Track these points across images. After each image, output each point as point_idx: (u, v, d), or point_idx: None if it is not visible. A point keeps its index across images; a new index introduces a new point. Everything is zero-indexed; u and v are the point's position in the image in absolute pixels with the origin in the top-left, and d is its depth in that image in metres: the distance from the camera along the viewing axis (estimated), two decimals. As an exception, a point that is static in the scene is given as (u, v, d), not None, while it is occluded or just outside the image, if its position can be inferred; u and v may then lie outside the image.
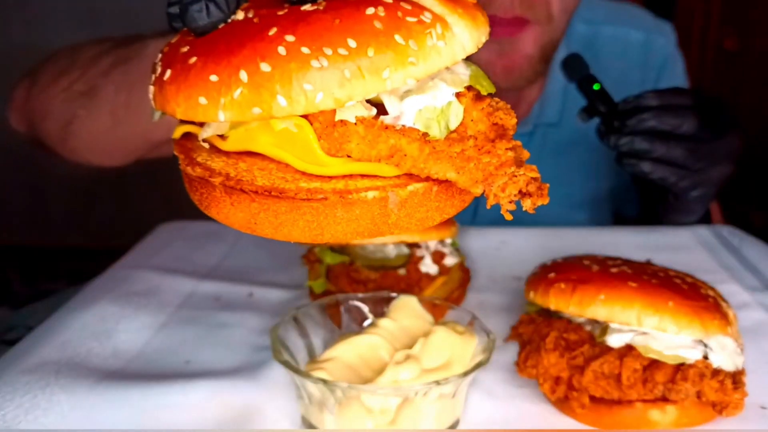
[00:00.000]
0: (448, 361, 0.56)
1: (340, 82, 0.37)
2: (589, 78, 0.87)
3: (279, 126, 0.40)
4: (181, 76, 0.40)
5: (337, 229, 0.41)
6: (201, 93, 0.39)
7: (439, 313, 0.64)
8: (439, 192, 0.42)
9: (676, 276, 0.60)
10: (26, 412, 0.58)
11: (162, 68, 0.42)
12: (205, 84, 0.39)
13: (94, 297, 0.79)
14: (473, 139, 0.40)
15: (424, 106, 0.41)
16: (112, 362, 0.67)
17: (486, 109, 0.41)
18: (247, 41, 0.38)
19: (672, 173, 0.84)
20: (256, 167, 0.42)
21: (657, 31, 1.23)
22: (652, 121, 0.81)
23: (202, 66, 0.39)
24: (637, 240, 0.97)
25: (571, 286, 0.58)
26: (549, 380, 0.58)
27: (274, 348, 0.56)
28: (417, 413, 0.53)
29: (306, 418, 0.56)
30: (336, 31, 0.38)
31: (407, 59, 0.38)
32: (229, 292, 0.82)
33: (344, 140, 0.40)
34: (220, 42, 0.39)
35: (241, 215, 0.42)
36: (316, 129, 0.40)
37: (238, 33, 0.39)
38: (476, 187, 0.40)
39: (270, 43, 0.38)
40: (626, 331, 0.57)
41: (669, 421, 0.56)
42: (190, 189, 0.45)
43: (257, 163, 0.42)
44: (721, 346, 0.57)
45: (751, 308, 0.76)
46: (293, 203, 0.40)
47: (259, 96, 0.38)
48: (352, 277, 0.75)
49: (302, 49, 0.38)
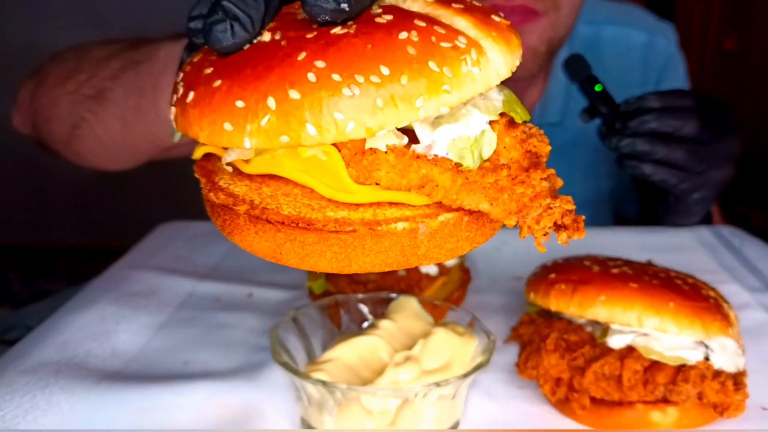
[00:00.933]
0: (448, 362, 0.55)
1: (372, 111, 0.36)
2: (591, 79, 0.87)
3: (306, 153, 0.39)
4: (205, 100, 0.38)
5: (366, 261, 0.39)
6: (226, 119, 0.37)
7: (439, 314, 0.64)
8: (470, 222, 0.41)
9: (677, 277, 0.60)
10: (25, 412, 0.58)
11: (184, 89, 0.40)
12: (230, 110, 0.37)
13: (93, 297, 0.79)
14: (507, 168, 0.39)
15: (458, 136, 0.39)
16: (112, 363, 0.67)
17: (519, 136, 0.40)
18: (275, 66, 0.37)
19: (673, 175, 0.84)
20: (280, 192, 0.41)
21: (659, 32, 1.23)
22: (653, 122, 0.81)
23: (228, 90, 0.38)
24: (638, 240, 0.96)
25: (571, 287, 0.58)
26: (549, 381, 0.58)
27: (274, 349, 0.56)
28: (417, 415, 0.53)
29: (305, 420, 0.56)
30: (368, 57, 0.36)
31: (441, 87, 0.37)
32: (229, 293, 0.82)
33: (374, 168, 0.39)
34: (247, 65, 0.38)
35: (266, 245, 0.40)
36: (344, 156, 0.39)
37: (265, 56, 0.38)
38: (510, 219, 0.39)
39: (299, 68, 0.36)
40: (627, 332, 0.57)
41: (670, 422, 0.56)
42: (212, 214, 0.44)
43: (281, 187, 0.42)
44: (722, 347, 0.57)
45: (752, 309, 0.76)
46: (321, 235, 0.39)
47: (288, 124, 0.36)
48: (352, 278, 0.75)
49: (333, 76, 0.36)
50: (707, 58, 3.23)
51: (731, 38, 3.20)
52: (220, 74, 0.39)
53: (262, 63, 0.37)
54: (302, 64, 0.36)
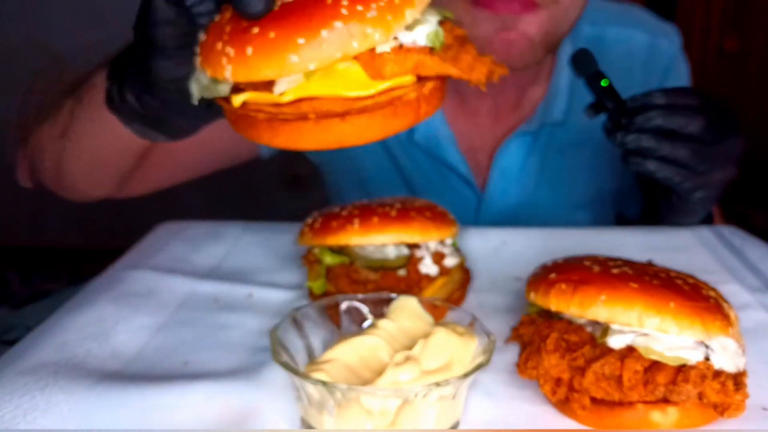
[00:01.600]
0: (448, 363, 0.55)
1: (384, 24, 0.50)
2: (597, 74, 0.87)
3: (339, 67, 0.52)
4: (269, 47, 0.50)
5: (392, 125, 0.54)
6: (293, 53, 0.49)
7: (439, 314, 0.64)
8: (441, 86, 0.57)
9: (678, 277, 0.60)
10: (25, 413, 0.58)
11: (236, 50, 0.51)
12: (294, 46, 0.50)
13: (92, 298, 0.79)
14: (453, 47, 0.56)
15: (426, 32, 0.54)
16: (111, 363, 0.67)
17: (449, 28, 0.57)
18: (315, 11, 0.50)
19: (676, 173, 0.84)
20: (314, 103, 0.53)
21: (662, 33, 1.23)
22: (659, 119, 0.81)
23: (286, 35, 0.50)
24: (639, 241, 0.96)
25: (572, 287, 0.58)
26: (550, 381, 0.58)
27: (274, 349, 0.56)
28: (417, 415, 0.53)
29: (305, 420, 0.56)
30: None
31: (414, 3, 0.52)
32: (229, 293, 0.82)
33: (381, 66, 0.52)
34: (290, 17, 0.51)
35: (314, 135, 0.54)
36: (361, 64, 0.53)
37: (299, 7, 0.51)
38: (467, 75, 0.55)
39: (334, 8, 0.50)
40: (627, 333, 0.57)
41: (670, 422, 0.56)
42: (244, 126, 0.55)
43: (313, 104, 0.53)
44: (722, 348, 0.57)
45: (753, 309, 0.76)
46: (351, 116, 0.53)
47: (337, 45, 0.50)
48: (352, 278, 0.75)
49: (358, 7, 0.50)
50: (708, 59, 3.24)
51: (732, 39, 3.21)
52: (269, 29, 0.51)
53: (303, 11, 0.51)
54: (334, 4, 0.50)
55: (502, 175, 1.17)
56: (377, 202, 0.78)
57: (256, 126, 0.55)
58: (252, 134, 0.55)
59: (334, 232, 0.74)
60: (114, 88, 0.78)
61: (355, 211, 0.75)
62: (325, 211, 0.78)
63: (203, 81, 0.57)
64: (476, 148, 1.19)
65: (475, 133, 1.19)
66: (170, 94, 0.72)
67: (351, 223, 0.73)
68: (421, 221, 0.74)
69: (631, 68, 1.19)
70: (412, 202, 0.78)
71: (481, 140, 1.19)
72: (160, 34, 0.67)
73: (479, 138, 1.19)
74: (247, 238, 0.99)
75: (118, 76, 0.78)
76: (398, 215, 0.74)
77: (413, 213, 0.75)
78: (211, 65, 0.53)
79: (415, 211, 0.75)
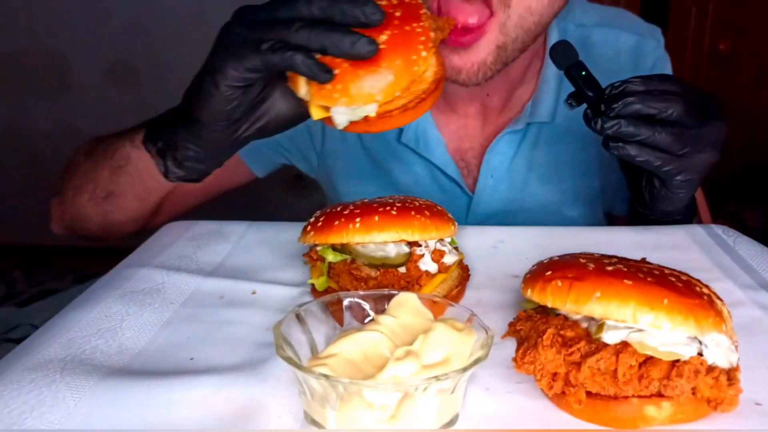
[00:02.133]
0: (447, 357, 0.56)
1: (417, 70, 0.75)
2: (577, 65, 0.88)
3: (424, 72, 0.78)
4: (399, 70, 0.73)
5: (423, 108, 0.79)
6: (375, 87, 0.72)
7: (438, 310, 0.65)
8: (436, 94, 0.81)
9: (671, 274, 0.61)
10: (32, 408, 0.59)
11: (362, 77, 0.72)
12: (378, 84, 0.72)
13: (98, 295, 0.80)
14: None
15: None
16: (117, 359, 0.68)
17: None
18: (405, 47, 0.73)
19: (656, 157, 0.84)
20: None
21: (648, 34, 1.24)
22: (637, 104, 0.82)
23: (400, 69, 0.73)
24: (633, 238, 0.97)
25: (567, 284, 0.59)
26: (546, 376, 0.59)
27: (277, 344, 0.57)
28: (417, 408, 0.54)
29: (308, 413, 0.57)
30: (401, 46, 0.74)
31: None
32: (233, 290, 0.83)
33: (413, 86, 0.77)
34: (393, 55, 0.73)
35: (415, 113, 0.79)
36: None
37: (394, 46, 0.72)
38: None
39: (415, 40, 0.74)
40: (622, 328, 0.58)
41: (664, 416, 0.57)
42: (380, 124, 0.78)
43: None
44: (715, 344, 0.58)
45: (745, 306, 0.77)
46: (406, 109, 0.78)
47: (397, 84, 0.74)
48: (354, 275, 0.76)
49: (396, 62, 0.73)
50: (702, 61, 3.24)
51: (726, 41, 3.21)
52: (382, 60, 0.72)
53: (396, 54, 0.72)
54: (411, 50, 0.74)
55: (491, 175, 1.18)
56: (378, 202, 0.78)
57: (387, 119, 0.77)
58: (384, 127, 0.77)
59: (336, 231, 0.75)
60: (171, 165, 0.91)
61: (356, 210, 0.76)
62: (327, 210, 0.79)
63: (345, 113, 0.75)
64: (465, 150, 1.21)
65: (464, 135, 1.20)
66: (233, 146, 0.87)
67: (353, 222, 0.74)
68: (420, 220, 0.75)
69: (618, 70, 1.20)
70: (412, 202, 0.78)
71: (470, 142, 1.20)
72: (225, 113, 0.80)
73: (468, 140, 1.20)
74: (251, 236, 0.99)
75: (169, 152, 0.90)
76: (399, 214, 0.75)
77: (413, 212, 0.76)
78: (361, 99, 0.72)
79: (415, 210, 0.76)
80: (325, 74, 0.71)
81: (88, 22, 3.49)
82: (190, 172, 0.91)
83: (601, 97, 0.85)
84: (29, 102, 3.63)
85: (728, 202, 2.96)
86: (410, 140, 1.18)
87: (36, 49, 3.55)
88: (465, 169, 1.20)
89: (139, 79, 3.58)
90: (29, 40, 3.54)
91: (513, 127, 1.16)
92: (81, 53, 3.54)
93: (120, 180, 1.00)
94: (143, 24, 3.48)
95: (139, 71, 3.57)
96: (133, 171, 0.98)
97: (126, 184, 1.00)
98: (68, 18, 3.49)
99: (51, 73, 3.58)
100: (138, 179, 0.98)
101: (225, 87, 0.76)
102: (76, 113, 3.60)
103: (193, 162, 0.88)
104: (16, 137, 3.64)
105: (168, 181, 0.93)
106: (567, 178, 1.21)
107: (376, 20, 0.70)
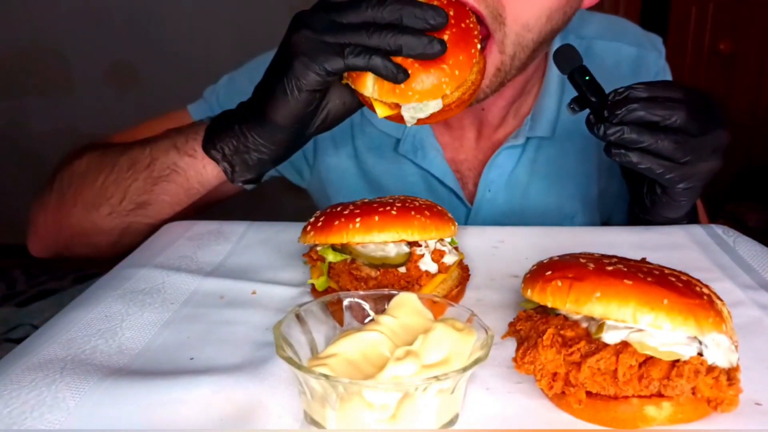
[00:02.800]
0: (447, 357, 0.56)
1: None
2: (581, 69, 0.88)
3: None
4: (456, 67, 0.80)
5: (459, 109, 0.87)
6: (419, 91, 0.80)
7: (438, 310, 0.65)
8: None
9: (671, 274, 0.61)
10: (32, 408, 0.59)
11: (434, 74, 0.79)
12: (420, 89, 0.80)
13: (99, 295, 0.80)
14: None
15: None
16: (117, 359, 0.68)
17: None
18: (464, 45, 0.81)
19: (659, 165, 0.84)
20: None
21: (648, 45, 1.24)
22: (640, 111, 0.82)
23: (463, 64, 0.81)
24: (633, 239, 0.97)
25: (567, 284, 0.59)
26: (546, 376, 0.59)
27: (278, 344, 0.57)
28: (417, 408, 0.54)
29: (308, 413, 0.57)
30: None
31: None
32: (233, 290, 0.83)
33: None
34: (457, 53, 0.81)
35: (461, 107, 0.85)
36: None
37: (455, 44, 0.80)
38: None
39: (471, 38, 0.83)
40: (622, 328, 0.58)
41: (664, 416, 0.57)
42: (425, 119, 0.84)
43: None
44: (715, 344, 0.58)
45: (745, 306, 0.77)
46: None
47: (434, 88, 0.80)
48: (354, 275, 0.76)
49: (477, 40, 0.84)
50: (702, 61, 3.24)
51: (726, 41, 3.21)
52: (450, 65, 0.79)
53: (459, 51, 0.80)
54: (470, 46, 0.82)
55: (489, 188, 1.18)
56: (378, 202, 0.79)
57: (447, 112, 0.83)
58: (441, 118, 0.84)
59: (336, 231, 0.75)
60: (237, 168, 0.93)
61: (356, 210, 0.76)
62: (327, 210, 0.79)
63: (414, 109, 0.81)
64: (460, 161, 1.21)
65: (459, 146, 1.20)
66: (291, 151, 0.93)
67: (353, 222, 0.74)
68: (420, 220, 0.75)
69: (619, 81, 1.19)
70: (412, 202, 0.78)
71: (465, 154, 1.21)
72: (301, 116, 0.85)
73: (463, 151, 1.21)
74: (251, 236, 0.99)
75: (237, 152, 0.91)
76: (399, 214, 0.75)
77: (413, 212, 0.76)
78: (431, 94, 0.79)
79: (415, 211, 0.76)
80: (403, 75, 0.77)
81: (88, 22, 3.49)
82: (259, 174, 0.95)
83: (604, 103, 0.84)
84: (29, 102, 3.63)
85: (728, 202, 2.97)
86: (408, 151, 1.18)
87: (36, 49, 3.55)
88: (461, 180, 1.21)
89: (139, 79, 3.58)
90: (29, 40, 3.54)
91: (513, 142, 1.16)
92: (81, 53, 3.54)
93: (159, 189, 0.98)
94: (143, 24, 3.48)
95: (139, 71, 3.57)
96: (181, 179, 0.97)
97: (166, 193, 0.98)
98: (68, 18, 3.49)
99: (51, 74, 3.59)
100: (185, 185, 0.97)
101: (307, 91, 0.81)
102: (76, 113, 3.61)
103: (264, 164, 0.92)
104: (16, 137, 3.64)
105: (232, 183, 0.96)
106: (566, 190, 1.21)
107: (440, 23, 0.76)
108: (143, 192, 0.98)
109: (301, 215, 0.87)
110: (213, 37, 3.52)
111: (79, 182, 1.03)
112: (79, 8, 3.47)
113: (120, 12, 3.46)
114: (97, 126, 3.76)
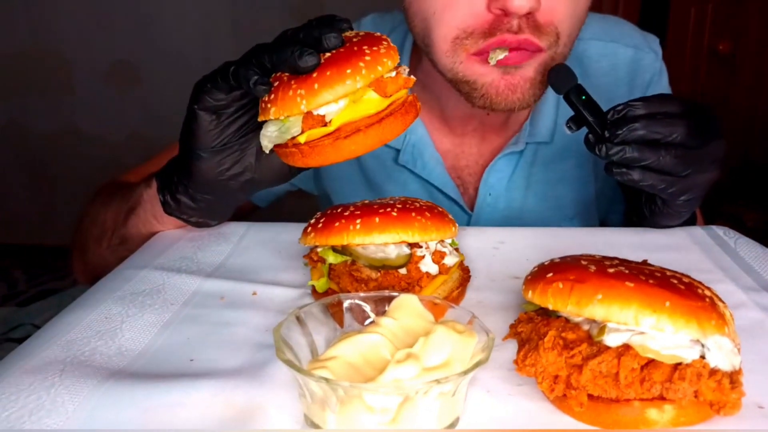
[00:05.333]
0: (448, 360, 0.56)
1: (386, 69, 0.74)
2: (577, 88, 0.88)
3: (363, 96, 0.73)
4: (328, 80, 0.71)
5: (403, 124, 0.75)
6: (348, 79, 0.71)
7: (439, 312, 0.65)
8: (414, 100, 0.78)
9: (673, 276, 0.61)
10: (30, 412, 0.58)
11: (307, 87, 0.71)
12: (345, 75, 0.71)
13: (99, 296, 0.80)
14: None
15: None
16: (117, 361, 0.67)
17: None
18: (342, 62, 0.71)
19: (661, 181, 0.85)
20: (347, 126, 0.73)
21: (645, 47, 1.23)
22: (641, 130, 0.81)
23: (340, 70, 0.71)
24: (634, 240, 0.97)
25: (568, 286, 0.59)
26: (547, 378, 0.59)
27: (277, 346, 0.56)
28: (418, 411, 0.53)
29: (308, 417, 0.57)
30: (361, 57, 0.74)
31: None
32: (233, 291, 0.83)
33: (386, 87, 0.73)
34: (324, 70, 0.71)
35: (355, 146, 0.73)
36: (375, 90, 0.73)
37: (332, 62, 0.72)
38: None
39: (358, 58, 0.72)
40: (624, 331, 0.58)
41: (667, 419, 0.57)
42: (312, 155, 0.74)
43: (347, 127, 0.73)
44: (718, 346, 0.58)
45: (748, 308, 0.77)
46: (378, 123, 0.74)
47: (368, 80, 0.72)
48: (354, 277, 0.76)
49: (360, 64, 0.71)
50: (701, 62, 3.24)
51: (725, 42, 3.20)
52: (324, 71, 0.71)
53: (335, 64, 0.71)
54: (358, 54, 0.72)
55: (489, 193, 1.18)
56: (378, 203, 0.78)
57: (321, 149, 0.73)
58: (317, 159, 0.74)
59: (336, 232, 0.74)
60: (168, 198, 0.93)
61: (356, 212, 0.76)
62: (327, 211, 0.79)
63: (273, 132, 0.75)
64: (461, 168, 1.20)
65: (460, 153, 1.20)
66: (218, 185, 0.88)
67: (353, 223, 0.74)
68: (421, 221, 0.75)
69: (615, 83, 1.20)
70: (412, 203, 0.78)
71: (466, 160, 1.20)
72: (205, 140, 0.84)
73: (464, 158, 1.20)
74: (251, 237, 0.99)
75: (168, 186, 0.93)
76: (399, 215, 0.75)
77: (414, 213, 0.76)
78: (287, 108, 0.71)
79: (415, 212, 0.76)
80: (262, 87, 0.74)
81: (88, 23, 3.49)
82: (182, 208, 0.94)
83: (603, 122, 0.84)
84: (30, 102, 3.64)
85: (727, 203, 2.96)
86: (408, 161, 1.18)
87: (37, 49, 3.55)
88: (461, 187, 1.20)
89: (139, 79, 3.58)
90: (30, 40, 3.54)
91: (513, 147, 1.16)
92: (82, 53, 3.54)
93: (130, 223, 1.00)
94: (143, 24, 3.48)
95: (140, 71, 3.58)
96: (141, 212, 0.99)
97: (134, 227, 1.00)
98: (69, 18, 3.49)
99: (52, 74, 3.59)
100: (144, 220, 0.99)
101: (200, 111, 0.82)
102: (77, 113, 3.61)
103: (186, 198, 0.92)
104: (17, 137, 3.65)
105: (168, 215, 0.96)
106: (564, 194, 1.21)
107: (334, 45, 0.73)
108: (122, 226, 1.02)
109: (301, 216, 0.87)
110: (213, 37, 3.52)
111: (89, 220, 1.10)
112: (80, 8, 3.47)
113: (120, 12, 3.46)
114: (97, 126, 3.78)
